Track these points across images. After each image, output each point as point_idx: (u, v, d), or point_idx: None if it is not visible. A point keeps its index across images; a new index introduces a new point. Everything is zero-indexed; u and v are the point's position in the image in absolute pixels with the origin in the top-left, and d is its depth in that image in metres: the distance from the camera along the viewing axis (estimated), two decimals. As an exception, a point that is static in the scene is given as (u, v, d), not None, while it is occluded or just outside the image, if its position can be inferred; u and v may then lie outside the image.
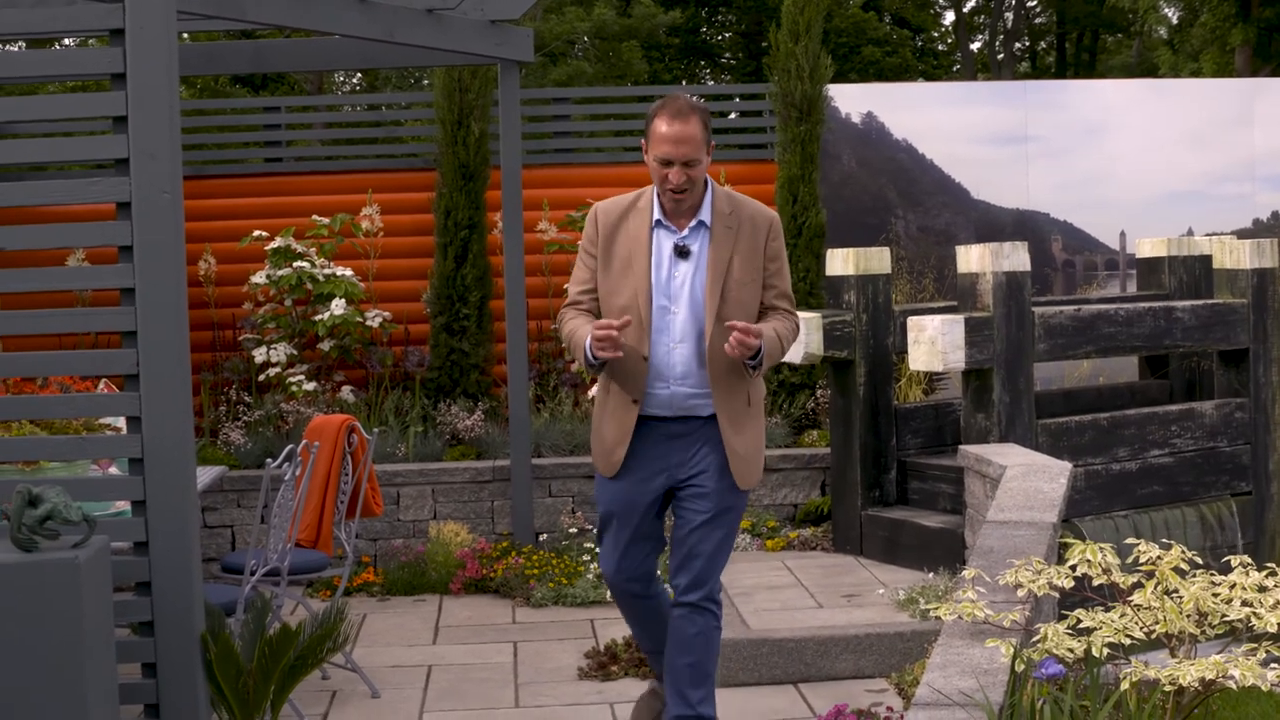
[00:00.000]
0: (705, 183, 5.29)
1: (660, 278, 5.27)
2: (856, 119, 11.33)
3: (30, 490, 4.25)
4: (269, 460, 6.19)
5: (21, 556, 4.19)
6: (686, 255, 5.27)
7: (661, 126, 5.14)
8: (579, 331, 5.27)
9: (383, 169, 11.42)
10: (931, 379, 10.65)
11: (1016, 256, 8.25)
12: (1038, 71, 37.12)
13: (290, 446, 6.30)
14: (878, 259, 8.97)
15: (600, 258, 5.38)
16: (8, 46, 16.51)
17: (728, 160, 11.47)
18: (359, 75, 31.26)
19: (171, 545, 4.76)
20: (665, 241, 5.31)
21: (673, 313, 5.26)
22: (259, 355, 10.13)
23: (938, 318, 8.05)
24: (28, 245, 4.80)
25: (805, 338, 8.64)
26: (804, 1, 10.56)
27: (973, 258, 8.32)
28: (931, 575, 7.77)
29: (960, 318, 8.05)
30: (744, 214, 5.34)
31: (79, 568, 4.17)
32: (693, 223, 5.29)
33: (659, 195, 5.29)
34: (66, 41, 22.02)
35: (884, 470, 8.95)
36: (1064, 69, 35.79)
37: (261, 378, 10.22)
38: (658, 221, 5.31)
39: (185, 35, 18.45)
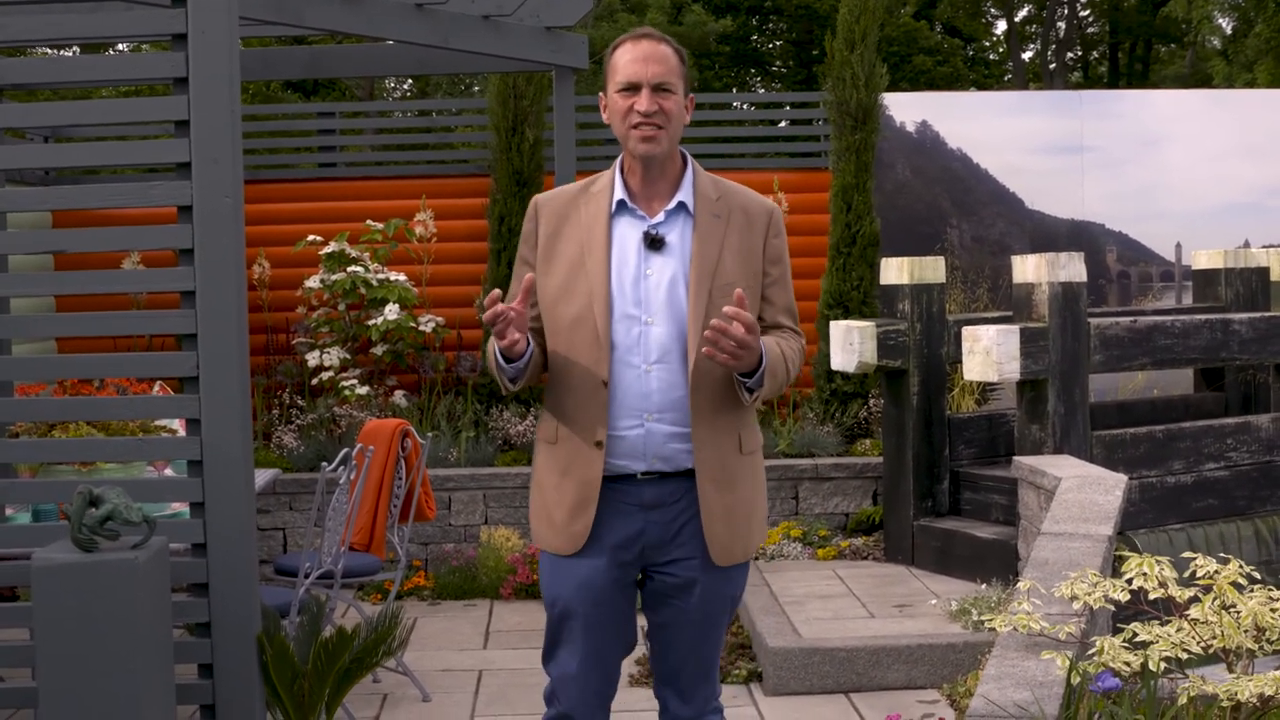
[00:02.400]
0: (684, 157, 4.09)
1: (625, 278, 3.94)
2: (911, 128, 11.31)
3: (91, 491, 4.27)
4: (324, 463, 6.21)
5: (82, 556, 4.21)
6: (661, 246, 3.95)
7: (624, 49, 3.95)
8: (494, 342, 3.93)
9: (436, 174, 11.46)
10: (984, 389, 10.61)
11: (1073, 267, 8.20)
12: (1089, 81, 36.92)
13: (345, 450, 6.32)
14: (932, 268, 8.93)
15: (541, 258, 4.03)
16: (62, 51, 16.63)
17: (780, 168, 11.47)
18: (409, 81, 31.37)
19: (229, 547, 4.77)
20: (631, 231, 3.98)
21: (645, 323, 3.91)
22: (312, 359, 10.17)
23: (993, 328, 8.02)
24: (90, 248, 4.83)
25: (859, 346, 8.63)
26: (859, 10, 10.54)
27: (1029, 267, 8.28)
28: (984, 586, 7.73)
29: (1015, 328, 8.01)
30: (734, 201, 4.05)
31: (138, 568, 4.19)
32: (669, 205, 3.99)
33: (622, 158, 4.08)
34: (120, 47, 22.17)
35: (937, 480, 8.91)
36: (1116, 79, 35.61)
37: (314, 381, 10.26)
38: (620, 204, 4.01)
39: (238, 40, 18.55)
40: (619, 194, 4.01)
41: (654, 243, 3.95)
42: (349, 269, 10.18)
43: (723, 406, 3.95)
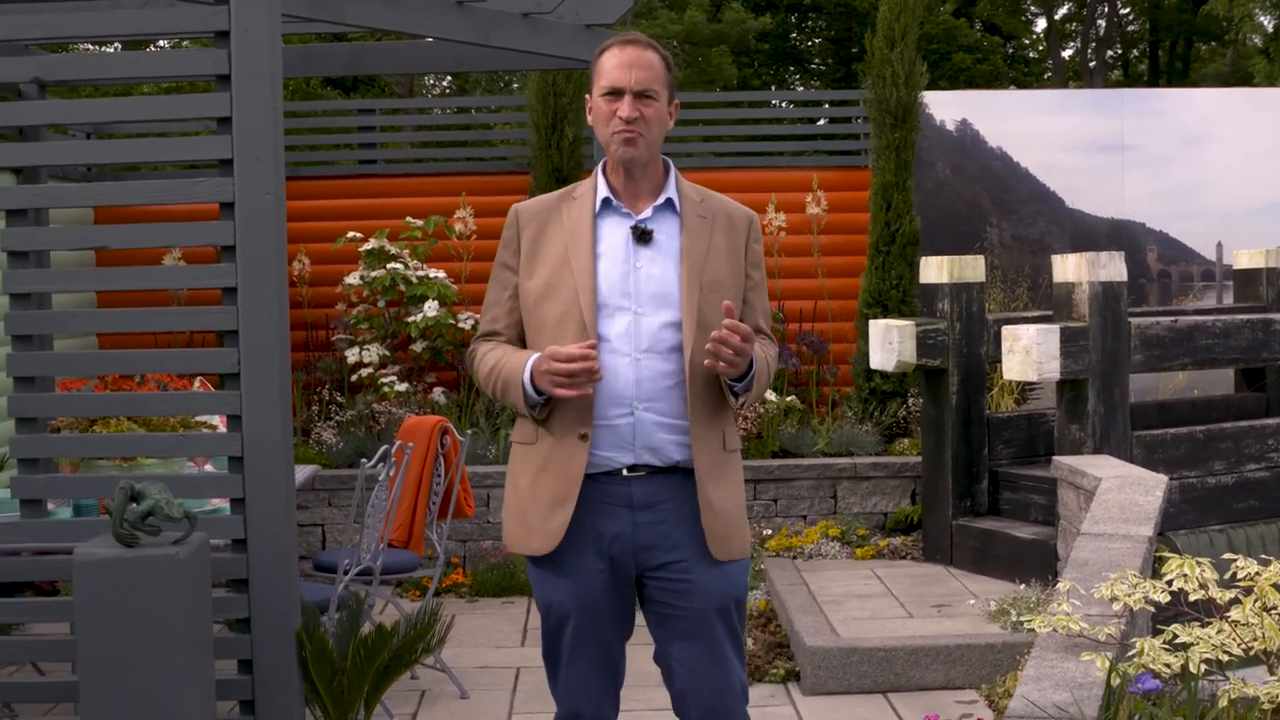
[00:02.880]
0: (666, 164, 4.11)
1: (614, 272, 3.95)
2: (951, 126, 11.28)
3: (133, 486, 4.29)
4: (363, 460, 6.23)
5: (123, 552, 4.23)
6: (648, 240, 3.97)
7: (611, 54, 3.96)
8: (508, 360, 3.97)
9: (476, 172, 11.48)
10: (1024, 389, 10.57)
11: (1113, 266, 8.16)
12: (1130, 79, 36.75)
13: (385, 447, 6.34)
14: (972, 267, 8.90)
15: (524, 263, 4.04)
16: (103, 48, 16.72)
17: (820, 166, 11.45)
18: (448, 79, 31.44)
19: (269, 543, 4.79)
20: (617, 227, 4.00)
21: (636, 313, 3.92)
22: (351, 356, 10.20)
23: (1033, 327, 7.98)
24: (133, 244, 4.86)
25: (899, 345, 8.62)
26: (899, 7, 10.51)
27: (1069, 267, 8.25)
28: (1023, 587, 7.71)
29: (1055, 327, 7.98)
30: (716, 206, 4.10)
31: (179, 564, 4.21)
32: (657, 201, 4.02)
33: (605, 161, 4.07)
34: (162, 44, 22.27)
35: (975, 480, 8.88)
36: (1156, 77, 35.42)
37: (354, 378, 10.29)
38: (605, 202, 4.03)
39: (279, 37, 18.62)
40: (603, 193, 4.03)
41: (642, 236, 3.97)
42: (389, 266, 10.21)
43: (713, 403, 3.96)
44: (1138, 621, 5.40)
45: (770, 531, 9.60)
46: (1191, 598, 4.66)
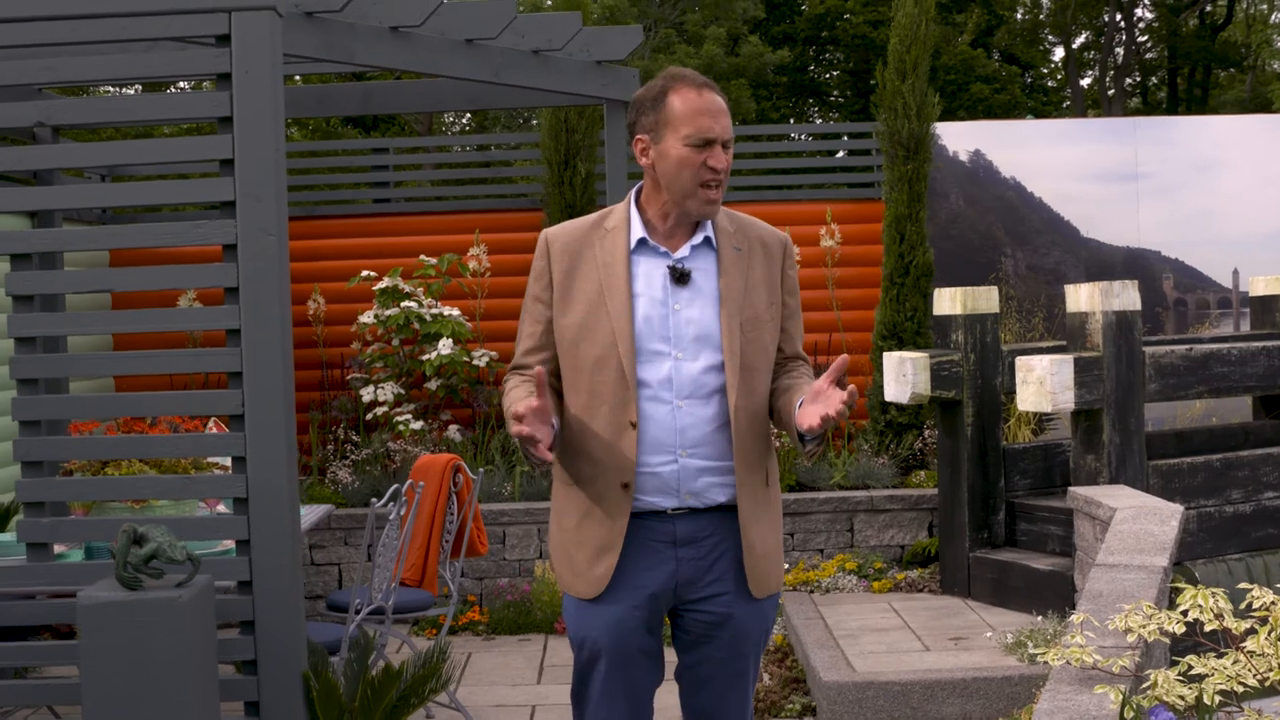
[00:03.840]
0: None
1: (652, 315, 3.83)
2: (964, 157, 11.27)
3: (135, 529, 4.30)
4: (373, 499, 6.22)
5: (126, 595, 4.23)
6: (687, 281, 3.85)
7: (688, 97, 3.78)
8: (515, 403, 3.79)
9: (490, 209, 11.50)
10: (1041, 419, 10.53)
11: (1127, 295, 8.13)
12: (1149, 107, 36.74)
13: (395, 486, 6.33)
14: (985, 298, 8.88)
15: (558, 298, 3.91)
16: (124, 90, 16.78)
17: (834, 199, 11.45)
18: (469, 115, 31.55)
19: (275, 584, 4.78)
20: (654, 267, 3.87)
21: (675, 358, 3.81)
22: (366, 394, 10.21)
23: (1046, 357, 7.95)
24: (137, 287, 4.87)
25: (913, 377, 8.59)
26: (910, 39, 10.51)
27: (1082, 297, 8.22)
28: (1040, 618, 7.66)
29: (1069, 357, 7.95)
30: (751, 234, 3.98)
31: (183, 606, 4.21)
32: (695, 240, 3.89)
33: (636, 193, 3.97)
34: (184, 86, 22.39)
35: (992, 511, 8.84)
36: (1176, 105, 35.42)
37: (369, 416, 10.30)
38: (641, 241, 3.89)
39: (298, 78, 18.70)
40: (638, 231, 3.90)
41: (680, 277, 3.85)
42: (402, 304, 10.22)
43: (755, 441, 3.89)
44: (1154, 653, 5.36)
45: (787, 565, 9.57)
46: (1207, 628, 4.62)
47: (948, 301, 8.91)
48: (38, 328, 4.86)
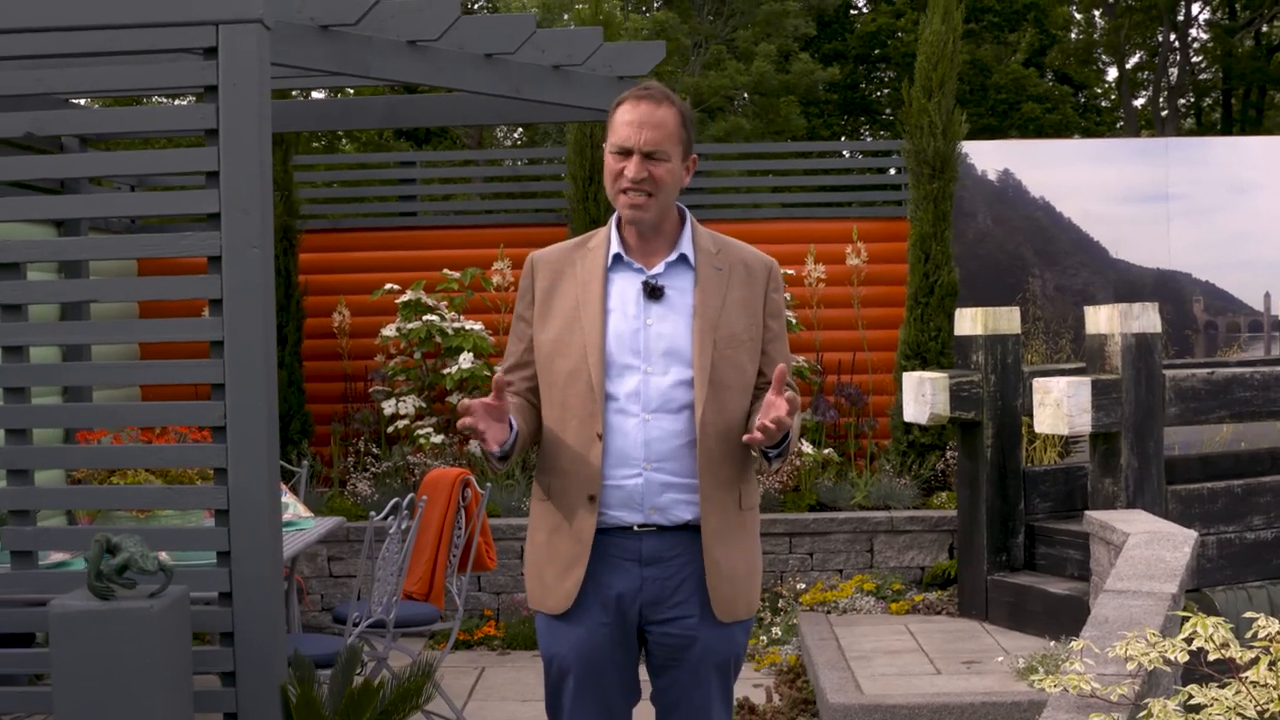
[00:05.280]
0: (682, 213, 4.00)
1: (623, 329, 3.85)
2: (993, 176, 11.19)
3: (109, 539, 4.30)
4: (372, 514, 6.21)
5: (98, 605, 4.23)
6: (660, 296, 3.86)
7: (624, 109, 3.86)
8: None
9: (515, 224, 11.49)
10: (1066, 442, 10.44)
11: (1147, 318, 8.05)
12: (1203, 128, 36.44)
13: (396, 500, 6.32)
14: (1007, 319, 8.80)
15: (538, 315, 3.95)
16: (147, 101, 16.88)
17: (860, 217, 11.39)
18: (520, 130, 31.61)
19: (255, 596, 4.78)
20: (629, 283, 3.90)
21: (645, 372, 3.83)
22: (388, 407, 10.21)
23: (1064, 379, 7.88)
24: (122, 297, 4.87)
25: (932, 398, 8.53)
26: (937, 57, 10.45)
27: (1101, 319, 8.14)
28: (1054, 644, 7.58)
29: (1087, 379, 7.87)
30: (734, 256, 3.98)
31: (154, 617, 4.20)
32: (670, 257, 3.91)
33: (617, 214, 3.95)
34: (192, 99, 22.44)
35: (1011, 534, 8.76)
36: (1230, 126, 35.12)
37: (390, 429, 10.30)
38: (616, 258, 3.92)
39: (322, 92, 18.78)
40: (615, 248, 3.92)
41: (653, 292, 3.86)
42: (425, 318, 10.23)
43: (726, 461, 3.86)
44: (1159, 682, 5.28)
45: (804, 585, 9.51)
46: (1210, 657, 4.55)
47: (969, 322, 8.83)
48: (22, 337, 4.86)
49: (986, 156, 11.23)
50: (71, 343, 5.03)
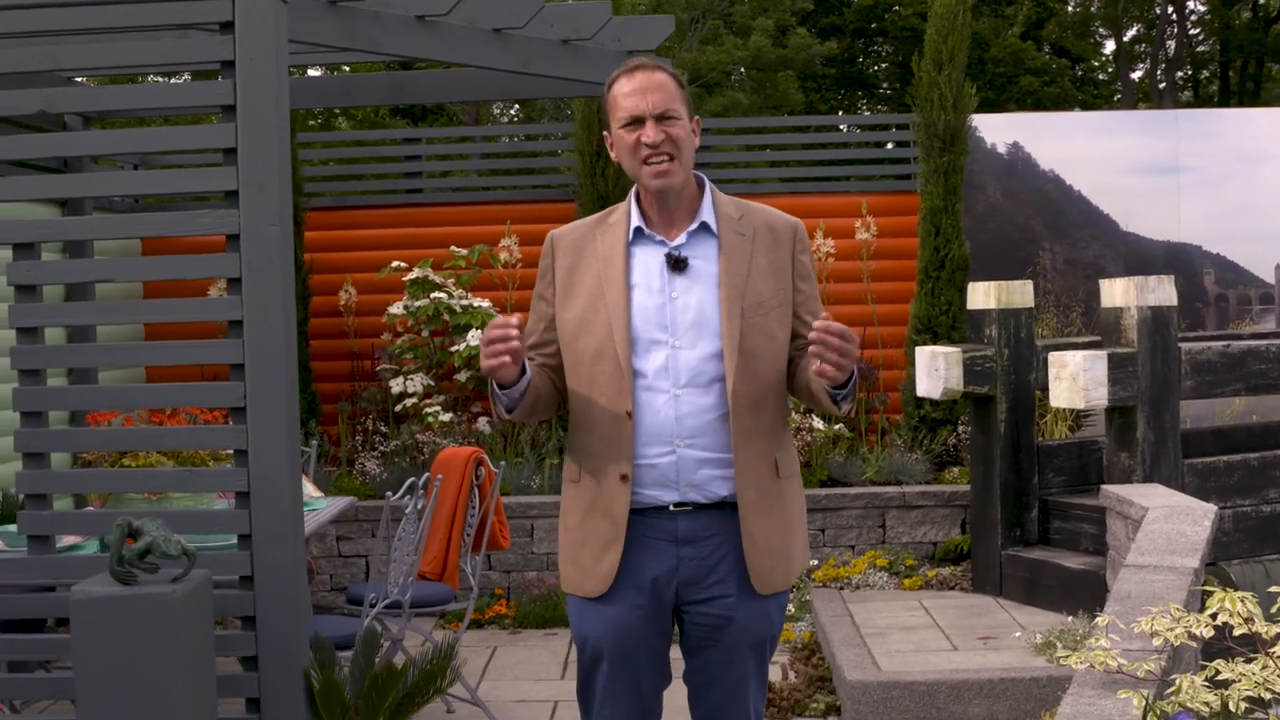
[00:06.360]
0: (701, 181, 3.95)
1: (648, 304, 3.79)
2: (1002, 149, 11.12)
3: (130, 523, 4.24)
4: (389, 493, 6.15)
5: (120, 589, 4.17)
6: (684, 268, 3.80)
7: (621, 84, 3.83)
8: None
9: (522, 200, 11.42)
10: (1078, 415, 10.38)
11: (1163, 290, 7.98)
12: (1200, 100, 36.34)
13: (411, 479, 6.27)
14: (1020, 292, 8.74)
15: (560, 294, 3.91)
16: (171, 79, 16.78)
17: (869, 191, 11.32)
18: (516, 106, 31.50)
19: (276, 579, 4.72)
20: (651, 257, 3.84)
21: (673, 347, 3.76)
22: (396, 386, 10.15)
23: (1080, 353, 7.82)
24: (136, 277, 4.80)
25: (945, 372, 8.47)
26: (947, 29, 10.37)
27: (1117, 291, 8.08)
28: (1071, 619, 7.54)
29: (1103, 353, 7.81)
30: (758, 219, 3.92)
31: (176, 602, 4.14)
32: (691, 226, 3.85)
33: (637, 187, 3.89)
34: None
35: (1025, 509, 8.71)
36: (1227, 98, 35.00)
37: (398, 408, 10.24)
38: (638, 231, 3.87)
39: (318, 70, 18.68)
40: (636, 221, 3.87)
41: (677, 264, 3.80)
42: (433, 295, 10.16)
43: (759, 430, 3.80)
44: (1183, 657, 5.24)
45: (817, 562, 9.47)
46: (1237, 632, 4.50)
47: (981, 296, 8.77)
48: (37, 319, 4.79)
49: (995, 129, 11.16)
50: (85, 324, 4.94)
